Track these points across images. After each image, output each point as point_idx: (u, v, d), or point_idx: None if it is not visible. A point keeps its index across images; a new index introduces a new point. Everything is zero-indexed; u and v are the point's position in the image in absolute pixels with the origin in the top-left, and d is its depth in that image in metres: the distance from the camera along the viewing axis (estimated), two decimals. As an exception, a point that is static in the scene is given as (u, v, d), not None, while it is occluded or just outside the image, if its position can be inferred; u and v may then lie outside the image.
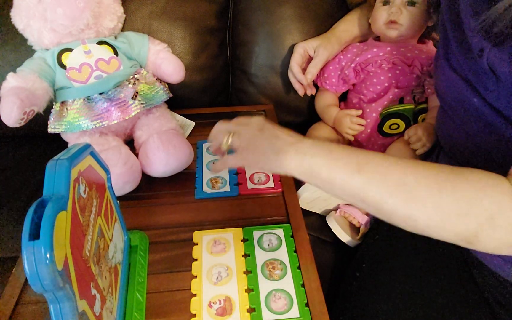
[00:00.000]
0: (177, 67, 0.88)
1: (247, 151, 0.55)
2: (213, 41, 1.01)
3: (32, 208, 0.37)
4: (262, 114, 1.00)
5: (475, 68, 0.53)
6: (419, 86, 0.84)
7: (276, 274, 0.61)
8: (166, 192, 0.77)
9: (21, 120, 0.71)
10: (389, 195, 0.45)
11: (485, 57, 0.50)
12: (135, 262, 0.62)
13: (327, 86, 0.94)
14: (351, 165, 0.48)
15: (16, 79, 0.75)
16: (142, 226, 0.69)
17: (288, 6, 0.98)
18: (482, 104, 0.53)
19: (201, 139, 0.90)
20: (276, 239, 0.66)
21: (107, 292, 0.50)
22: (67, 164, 0.41)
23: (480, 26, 0.49)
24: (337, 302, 0.66)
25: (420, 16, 0.82)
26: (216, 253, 0.64)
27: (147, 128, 0.81)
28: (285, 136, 0.53)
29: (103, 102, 0.77)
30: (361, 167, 0.47)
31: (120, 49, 0.84)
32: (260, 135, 0.54)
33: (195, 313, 0.56)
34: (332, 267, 0.77)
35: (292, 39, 0.98)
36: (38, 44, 0.82)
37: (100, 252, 0.49)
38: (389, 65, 0.84)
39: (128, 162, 0.74)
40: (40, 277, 0.35)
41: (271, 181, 0.78)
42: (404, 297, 0.58)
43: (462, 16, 0.55)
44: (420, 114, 0.84)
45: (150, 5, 0.94)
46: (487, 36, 0.49)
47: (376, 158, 0.49)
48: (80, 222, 0.43)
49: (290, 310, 0.56)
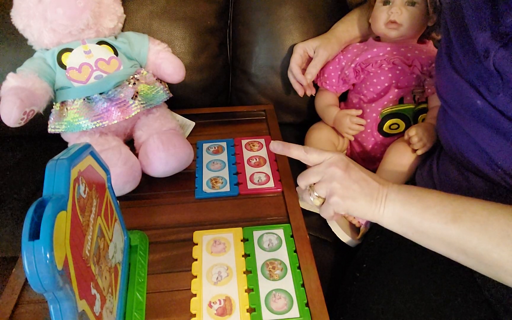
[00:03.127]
0: (177, 67, 0.88)
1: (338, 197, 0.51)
2: (213, 41, 1.01)
3: (32, 208, 0.37)
4: None
5: (478, 70, 0.53)
6: (419, 86, 0.84)
7: (276, 274, 0.61)
8: (166, 192, 0.77)
9: (21, 120, 0.71)
10: (494, 246, 0.42)
11: (491, 58, 0.50)
12: (135, 262, 0.62)
13: (327, 86, 0.94)
14: (445, 213, 0.45)
15: (16, 79, 0.75)
16: (142, 226, 0.69)
17: (288, 6, 0.98)
18: (485, 105, 0.53)
19: (201, 139, 0.90)
20: (276, 239, 0.66)
21: (107, 292, 0.50)
22: (67, 164, 0.41)
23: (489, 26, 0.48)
24: (337, 302, 0.66)
25: (420, 16, 0.82)
26: (216, 253, 0.64)
27: (147, 128, 0.81)
28: (371, 180, 0.50)
29: (103, 102, 0.77)
30: (457, 215, 0.44)
31: (120, 49, 0.84)
32: (348, 177, 0.50)
33: (195, 313, 0.56)
34: (332, 267, 0.77)
35: (292, 39, 0.98)
36: (38, 44, 0.82)
37: (100, 252, 0.49)
38: (389, 65, 0.84)
39: (128, 162, 0.74)
40: (40, 277, 0.35)
41: (271, 181, 0.78)
42: (404, 297, 0.58)
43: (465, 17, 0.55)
44: (420, 114, 0.84)
45: (150, 5, 0.94)
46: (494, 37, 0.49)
47: (473, 206, 0.45)
48: (80, 222, 0.43)
49: (290, 310, 0.56)
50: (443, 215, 0.45)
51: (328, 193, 0.52)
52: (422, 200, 0.47)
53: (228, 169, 0.81)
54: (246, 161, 0.83)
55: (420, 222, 0.46)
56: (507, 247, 0.42)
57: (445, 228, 0.45)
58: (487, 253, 0.43)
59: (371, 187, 0.50)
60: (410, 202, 0.47)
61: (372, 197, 0.49)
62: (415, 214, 0.46)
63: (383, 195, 0.49)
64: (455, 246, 0.45)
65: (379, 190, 0.49)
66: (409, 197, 0.47)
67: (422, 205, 0.46)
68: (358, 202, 0.50)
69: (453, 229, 0.44)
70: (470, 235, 0.43)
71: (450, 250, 0.46)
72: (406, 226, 0.47)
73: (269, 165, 0.82)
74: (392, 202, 0.48)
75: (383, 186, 0.50)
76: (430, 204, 0.46)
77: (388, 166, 0.81)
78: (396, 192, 0.49)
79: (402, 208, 0.47)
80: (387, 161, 0.82)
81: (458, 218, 0.44)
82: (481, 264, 0.45)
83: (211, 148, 0.87)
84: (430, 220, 0.45)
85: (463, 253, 0.45)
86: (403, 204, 0.47)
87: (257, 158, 0.84)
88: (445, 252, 0.48)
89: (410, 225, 0.47)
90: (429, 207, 0.46)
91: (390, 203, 0.48)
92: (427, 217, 0.46)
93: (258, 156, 0.85)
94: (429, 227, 0.45)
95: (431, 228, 0.45)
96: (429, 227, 0.45)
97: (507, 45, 0.48)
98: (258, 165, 0.83)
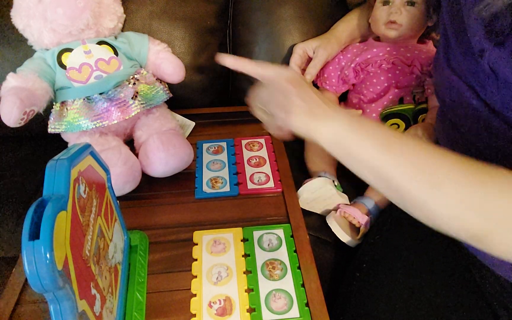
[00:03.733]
0: (177, 67, 0.88)
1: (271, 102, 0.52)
2: (213, 41, 1.01)
3: (32, 208, 0.37)
4: None
5: (475, 69, 0.53)
6: (419, 86, 0.84)
7: (276, 274, 0.61)
8: (166, 192, 0.77)
9: (21, 120, 0.71)
10: (413, 176, 0.44)
11: (486, 57, 0.50)
12: (135, 262, 0.62)
13: (327, 87, 0.94)
14: (382, 141, 0.46)
15: (16, 79, 0.75)
16: (142, 226, 0.69)
17: (288, 7, 0.98)
18: (481, 105, 0.53)
19: (201, 139, 0.90)
20: (276, 239, 0.66)
21: (107, 292, 0.50)
22: (67, 164, 0.41)
23: (479, 15, 0.48)
24: (337, 302, 0.66)
25: (420, 16, 0.82)
26: (216, 253, 0.64)
27: (147, 128, 0.81)
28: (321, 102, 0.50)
29: (103, 102, 0.77)
30: (391, 145, 0.46)
31: (120, 49, 0.84)
32: (292, 90, 0.50)
33: (195, 313, 0.56)
34: (332, 267, 0.77)
35: (292, 40, 0.98)
36: (38, 44, 0.82)
37: (100, 252, 0.49)
38: (389, 65, 0.84)
39: (128, 162, 0.74)
40: (40, 277, 0.35)
41: (271, 181, 0.78)
42: (404, 297, 0.58)
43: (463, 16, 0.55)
44: (420, 114, 0.84)
45: (150, 5, 0.94)
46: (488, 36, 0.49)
47: (408, 139, 0.47)
48: (80, 222, 0.43)
49: (290, 310, 0.56)
50: (379, 143, 0.46)
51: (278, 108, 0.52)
52: (363, 126, 0.48)
53: (228, 169, 0.81)
54: (246, 161, 0.83)
55: (356, 147, 0.47)
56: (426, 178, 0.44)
57: (377, 158, 0.46)
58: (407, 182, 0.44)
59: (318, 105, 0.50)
60: (353, 127, 0.48)
61: (316, 115, 0.49)
62: (353, 139, 0.47)
63: (327, 116, 0.49)
64: (383, 175, 0.46)
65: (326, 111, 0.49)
66: (352, 123, 0.48)
67: (362, 130, 0.48)
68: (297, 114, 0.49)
69: (385, 156, 0.46)
70: (398, 164, 0.45)
71: (375, 179, 0.47)
72: (342, 148, 0.48)
73: (269, 165, 0.82)
74: (335, 122, 0.48)
75: (329, 107, 0.50)
76: (368, 130, 0.48)
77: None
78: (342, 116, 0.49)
79: (344, 130, 0.48)
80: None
81: (392, 149, 0.46)
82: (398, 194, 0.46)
83: (211, 148, 0.87)
84: (366, 147, 0.47)
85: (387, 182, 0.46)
86: (345, 128, 0.48)
87: (257, 158, 0.84)
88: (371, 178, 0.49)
89: (346, 148, 0.48)
90: (367, 133, 0.47)
91: (334, 122, 0.48)
92: (363, 144, 0.47)
93: (258, 156, 0.85)
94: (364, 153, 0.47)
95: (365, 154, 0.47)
96: (364, 153, 0.47)
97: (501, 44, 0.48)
98: (258, 165, 0.83)
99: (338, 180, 0.84)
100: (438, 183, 0.43)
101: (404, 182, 0.45)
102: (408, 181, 0.45)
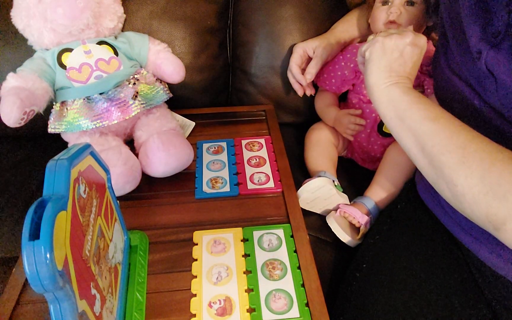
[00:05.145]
0: (177, 67, 0.88)
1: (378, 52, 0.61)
2: (213, 41, 1.01)
3: (32, 208, 0.37)
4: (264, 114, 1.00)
5: (474, 70, 0.53)
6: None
7: (276, 274, 0.61)
8: (166, 192, 0.77)
9: (21, 120, 0.71)
10: (447, 151, 0.48)
11: (483, 59, 0.50)
12: (135, 262, 0.62)
13: (327, 86, 0.94)
14: (429, 112, 0.51)
15: (16, 79, 0.75)
16: (142, 226, 0.69)
17: (288, 7, 0.98)
18: (482, 105, 0.53)
19: (201, 139, 0.90)
20: (276, 239, 0.66)
21: (107, 292, 0.50)
22: (67, 164, 0.41)
23: None
24: (337, 302, 0.66)
25: (419, 16, 0.82)
26: (216, 253, 0.64)
27: (147, 128, 0.81)
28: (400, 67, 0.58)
29: (103, 102, 0.77)
30: (437, 118, 0.50)
31: (120, 49, 0.84)
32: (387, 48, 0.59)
33: (195, 313, 0.56)
34: (332, 267, 0.77)
35: (292, 40, 0.98)
36: (38, 44, 0.82)
37: (100, 252, 0.49)
38: (389, 65, 0.84)
39: (128, 162, 0.74)
40: (40, 277, 0.35)
41: (271, 181, 0.78)
42: (404, 297, 0.58)
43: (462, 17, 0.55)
44: (420, 114, 0.84)
45: (150, 5, 0.94)
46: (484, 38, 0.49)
47: (452, 117, 0.51)
48: (80, 222, 0.43)
49: (290, 310, 0.56)
50: (426, 113, 0.52)
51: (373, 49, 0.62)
52: (418, 97, 0.54)
53: (228, 169, 0.81)
54: (246, 161, 0.83)
55: (404, 109, 0.54)
56: (457, 155, 0.47)
57: (420, 124, 0.51)
58: (440, 153, 0.49)
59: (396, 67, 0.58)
60: (408, 93, 0.55)
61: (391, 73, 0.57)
62: (407, 102, 0.54)
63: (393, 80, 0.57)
64: (419, 142, 0.51)
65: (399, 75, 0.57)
66: (408, 91, 0.55)
67: (417, 100, 0.54)
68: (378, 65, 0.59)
69: (426, 126, 0.51)
70: (437, 135, 0.49)
71: (413, 144, 0.53)
72: (391, 108, 0.55)
73: (269, 165, 0.83)
74: (395, 86, 0.56)
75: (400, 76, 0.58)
76: (421, 101, 0.54)
77: (388, 166, 0.81)
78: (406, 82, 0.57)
79: (399, 92, 0.55)
80: (387, 161, 0.82)
81: (436, 121, 0.51)
82: (428, 165, 0.51)
83: (211, 148, 0.87)
84: (414, 111, 0.53)
85: (421, 150, 0.51)
86: (402, 92, 0.55)
87: (257, 158, 0.84)
88: (408, 147, 0.55)
89: (395, 108, 0.55)
90: (419, 102, 0.54)
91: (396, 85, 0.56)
92: (414, 108, 0.53)
93: (258, 156, 0.85)
94: (410, 116, 0.53)
95: (410, 118, 0.53)
96: (410, 116, 0.53)
97: (498, 45, 0.48)
98: (258, 165, 0.83)
99: (338, 180, 0.84)
100: (465, 163, 0.46)
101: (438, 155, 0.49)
102: (441, 154, 0.48)
